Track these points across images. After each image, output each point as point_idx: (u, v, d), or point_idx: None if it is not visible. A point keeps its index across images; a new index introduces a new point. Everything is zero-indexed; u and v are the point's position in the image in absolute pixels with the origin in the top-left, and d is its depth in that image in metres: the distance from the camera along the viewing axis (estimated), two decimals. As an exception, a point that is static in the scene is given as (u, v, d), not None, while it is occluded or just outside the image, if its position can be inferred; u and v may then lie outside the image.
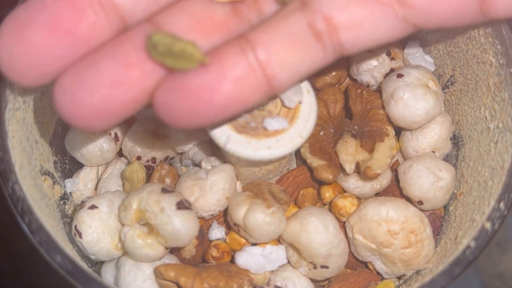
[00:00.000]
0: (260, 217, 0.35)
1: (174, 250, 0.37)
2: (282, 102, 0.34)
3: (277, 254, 0.36)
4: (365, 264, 0.39)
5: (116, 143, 0.41)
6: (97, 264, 0.38)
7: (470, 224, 0.32)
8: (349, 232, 0.37)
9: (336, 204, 0.38)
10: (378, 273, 0.38)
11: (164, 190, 0.35)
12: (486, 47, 0.34)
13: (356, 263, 0.39)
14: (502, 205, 0.30)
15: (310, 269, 0.36)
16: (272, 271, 0.37)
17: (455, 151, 0.39)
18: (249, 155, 0.34)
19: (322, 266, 0.36)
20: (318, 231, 0.35)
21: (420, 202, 0.38)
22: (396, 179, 0.39)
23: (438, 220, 0.39)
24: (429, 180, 0.37)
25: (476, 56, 0.36)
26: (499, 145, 0.33)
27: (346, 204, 0.38)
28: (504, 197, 0.30)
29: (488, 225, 0.30)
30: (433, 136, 0.39)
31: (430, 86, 0.37)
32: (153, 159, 0.40)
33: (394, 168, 0.39)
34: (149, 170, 0.40)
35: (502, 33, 0.33)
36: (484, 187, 0.33)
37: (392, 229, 0.36)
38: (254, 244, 0.37)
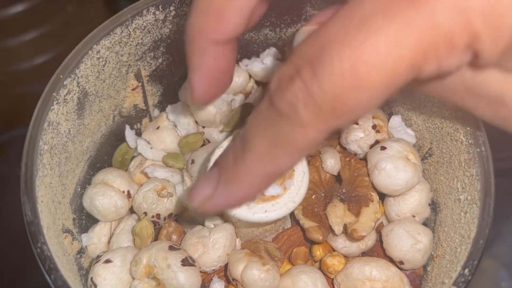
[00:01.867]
0: (256, 274, 0.39)
1: (178, 302, 0.41)
2: None
3: (270, 307, 0.40)
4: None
5: (128, 200, 0.46)
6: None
7: (440, 286, 0.36)
8: (337, 288, 0.41)
9: (325, 262, 0.42)
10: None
11: (171, 248, 0.39)
12: (457, 127, 0.39)
13: (343, 316, 0.43)
14: (467, 271, 0.34)
15: (301, 322, 0.40)
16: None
17: (433, 216, 0.44)
18: (248, 218, 0.38)
19: (311, 320, 0.40)
20: (308, 288, 0.39)
21: (401, 262, 0.42)
22: (380, 240, 0.43)
23: (418, 278, 0.43)
24: (408, 242, 0.41)
25: (449, 133, 0.40)
26: (467, 215, 0.37)
27: (334, 262, 0.42)
28: (468, 264, 0.34)
29: (453, 290, 0.34)
30: (413, 202, 0.43)
31: (410, 158, 0.42)
32: (158, 215, 0.44)
33: (379, 230, 0.44)
34: (156, 226, 0.44)
35: (471, 116, 0.38)
36: (454, 252, 0.37)
37: (375, 287, 0.40)
38: (250, 298, 0.41)
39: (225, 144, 0.40)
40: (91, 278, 0.40)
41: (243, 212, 0.38)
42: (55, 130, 0.39)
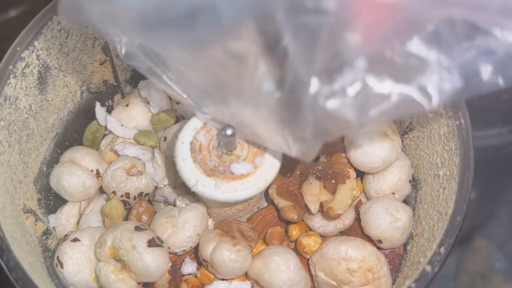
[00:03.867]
0: (226, 254, 0.37)
1: (148, 285, 0.39)
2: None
3: (242, 289, 0.39)
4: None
5: (97, 179, 0.44)
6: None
7: (416, 266, 0.34)
8: (312, 269, 0.40)
9: (300, 242, 0.41)
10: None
11: (137, 228, 0.38)
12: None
13: (320, 298, 0.41)
14: (442, 249, 0.32)
15: (274, 304, 0.39)
16: (238, 306, 0.39)
17: (414, 193, 0.42)
18: (217, 197, 0.36)
19: (285, 302, 0.38)
20: (279, 269, 0.38)
21: (379, 241, 0.40)
22: (358, 218, 0.42)
23: (398, 258, 0.41)
24: (386, 220, 0.39)
25: (429, 106, 0.38)
26: (446, 191, 0.35)
27: (310, 242, 0.40)
28: (444, 242, 0.32)
29: (428, 268, 0.32)
30: (392, 179, 0.41)
31: (388, 134, 0.40)
32: (127, 194, 0.42)
33: (357, 208, 0.42)
34: (125, 205, 0.43)
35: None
36: (432, 230, 0.35)
37: (351, 267, 0.38)
38: (222, 279, 0.39)
39: (193, 121, 0.38)
40: (57, 257, 0.38)
41: (211, 191, 0.36)
42: (13, 105, 0.37)
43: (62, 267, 0.38)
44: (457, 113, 0.35)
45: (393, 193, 0.41)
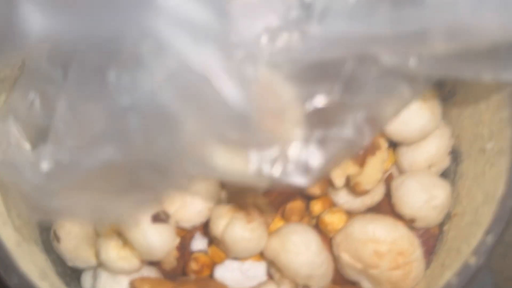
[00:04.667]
0: (239, 232, 0.34)
1: (154, 262, 0.36)
2: None
3: (256, 271, 0.35)
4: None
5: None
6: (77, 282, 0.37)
7: (456, 255, 0.30)
8: (335, 250, 0.36)
9: (323, 220, 0.36)
10: (365, 292, 0.36)
11: (142, 201, 0.34)
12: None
13: (344, 280, 0.37)
14: (489, 238, 0.27)
15: (292, 287, 0.35)
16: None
17: (453, 166, 0.37)
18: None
19: (304, 286, 0.34)
20: (298, 251, 0.33)
21: (412, 220, 0.36)
22: (389, 194, 0.37)
23: (432, 239, 0.37)
24: (422, 198, 0.35)
25: (477, 68, 0.33)
26: (493, 168, 0.30)
27: (333, 220, 0.36)
28: (492, 229, 0.28)
29: (472, 260, 0.28)
30: (429, 151, 0.36)
31: (426, 100, 0.35)
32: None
33: (388, 183, 0.37)
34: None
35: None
36: (475, 213, 0.30)
37: (379, 250, 0.34)
38: (235, 259, 0.35)
39: None
40: (54, 231, 0.35)
41: None
42: None
43: (59, 241, 0.35)
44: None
45: (430, 167, 0.37)
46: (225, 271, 0.35)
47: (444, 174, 0.37)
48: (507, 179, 0.28)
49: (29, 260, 0.30)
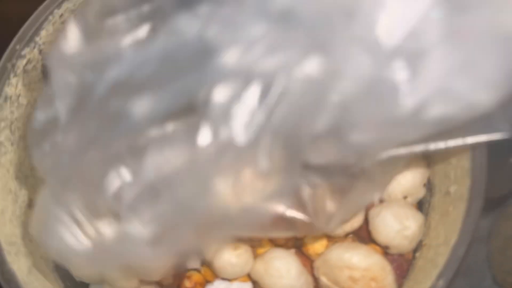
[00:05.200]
0: (226, 258, 0.37)
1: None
2: None
3: (243, 291, 0.39)
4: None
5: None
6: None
7: (419, 284, 0.33)
8: (316, 273, 0.39)
9: (306, 245, 0.40)
10: (343, 311, 0.40)
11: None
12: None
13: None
14: (441, 283, 0.31)
15: (275, 306, 0.39)
16: (239, 306, 0.39)
17: (428, 197, 0.40)
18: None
19: (285, 305, 0.38)
20: (280, 275, 0.37)
21: (387, 247, 0.39)
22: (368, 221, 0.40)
23: (406, 263, 0.40)
24: (394, 228, 0.38)
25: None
26: (454, 212, 0.33)
27: (315, 245, 0.40)
28: (443, 274, 0.31)
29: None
30: (405, 184, 0.39)
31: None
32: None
33: (368, 210, 0.41)
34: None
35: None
36: (436, 252, 0.34)
37: (354, 275, 0.37)
38: (224, 278, 0.39)
39: None
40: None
41: None
42: (15, 103, 0.37)
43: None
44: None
45: (405, 197, 0.40)
46: (214, 290, 0.39)
47: (421, 203, 0.40)
48: (461, 227, 0.31)
49: (39, 284, 0.34)
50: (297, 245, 0.41)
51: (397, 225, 0.38)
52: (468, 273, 0.59)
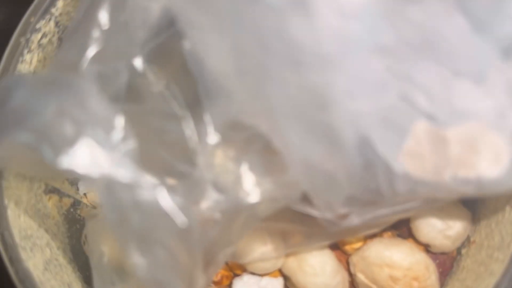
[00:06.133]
0: (257, 252, 0.35)
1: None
2: None
3: (273, 287, 0.36)
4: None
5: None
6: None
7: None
8: (352, 269, 0.36)
9: (342, 239, 0.37)
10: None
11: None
12: None
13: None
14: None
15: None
16: (269, 302, 0.37)
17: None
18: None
19: (318, 304, 0.35)
20: (314, 273, 0.34)
21: (427, 245, 0.36)
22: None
23: (449, 261, 0.37)
24: (436, 227, 0.35)
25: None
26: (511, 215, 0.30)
27: (351, 240, 0.37)
28: (501, 286, 0.28)
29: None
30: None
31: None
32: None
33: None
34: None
35: None
36: (491, 257, 0.30)
37: (394, 275, 0.35)
38: (253, 273, 0.37)
39: None
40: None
41: None
42: (30, 81, 0.33)
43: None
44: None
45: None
46: (243, 286, 0.36)
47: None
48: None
49: (55, 280, 0.31)
50: (331, 237, 0.38)
51: (439, 223, 0.35)
52: None
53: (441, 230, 0.35)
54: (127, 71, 0.25)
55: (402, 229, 0.38)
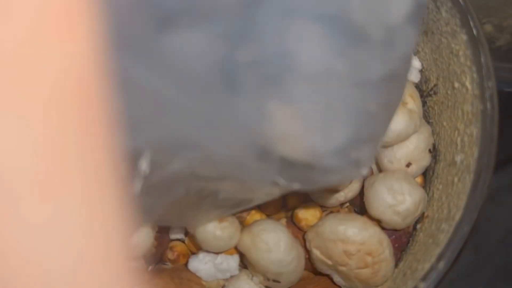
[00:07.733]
0: (210, 231, 0.34)
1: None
2: None
3: (228, 264, 0.36)
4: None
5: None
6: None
7: (416, 265, 0.30)
8: (308, 245, 0.36)
9: (297, 216, 0.37)
10: (337, 284, 0.37)
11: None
12: (464, 68, 0.31)
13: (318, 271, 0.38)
14: (441, 265, 0.27)
15: (263, 280, 0.36)
16: (226, 279, 0.37)
17: (433, 164, 0.37)
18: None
19: (274, 280, 0.35)
20: (268, 249, 0.34)
21: (379, 221, 0.36)
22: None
23: (405, 236, 0.37)
24: (386, 202, 0.35)
25: (456, 74, 0.32)
26: (459, 185, 0.30)
27: (307, 216, 0.37)
28: (444, 255, 0.27)
29: (421, 286, 0.28)
30: (409, 147, 0.36)
31: (407, 102, 0.34)
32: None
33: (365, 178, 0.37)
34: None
35: (480, 60, 0.29)
36: (439, 228, 0.30)
37: (348, 249, 0.35)
38: (208, 251, 0.37)
39: None
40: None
41: None
42: None
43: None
44: (483, 94, 0.29)
45: (409, 164, 0.36)
46: (198, 264, 0.36)
47: (425, 171, 0.37)
48: (467, 203, 0.28)
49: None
50: (287, 215, 0.38)
51: (389, 199, 0.35)
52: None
53: (391, 205, 0.35)
54: None
55: (359, 205, 0.37)
